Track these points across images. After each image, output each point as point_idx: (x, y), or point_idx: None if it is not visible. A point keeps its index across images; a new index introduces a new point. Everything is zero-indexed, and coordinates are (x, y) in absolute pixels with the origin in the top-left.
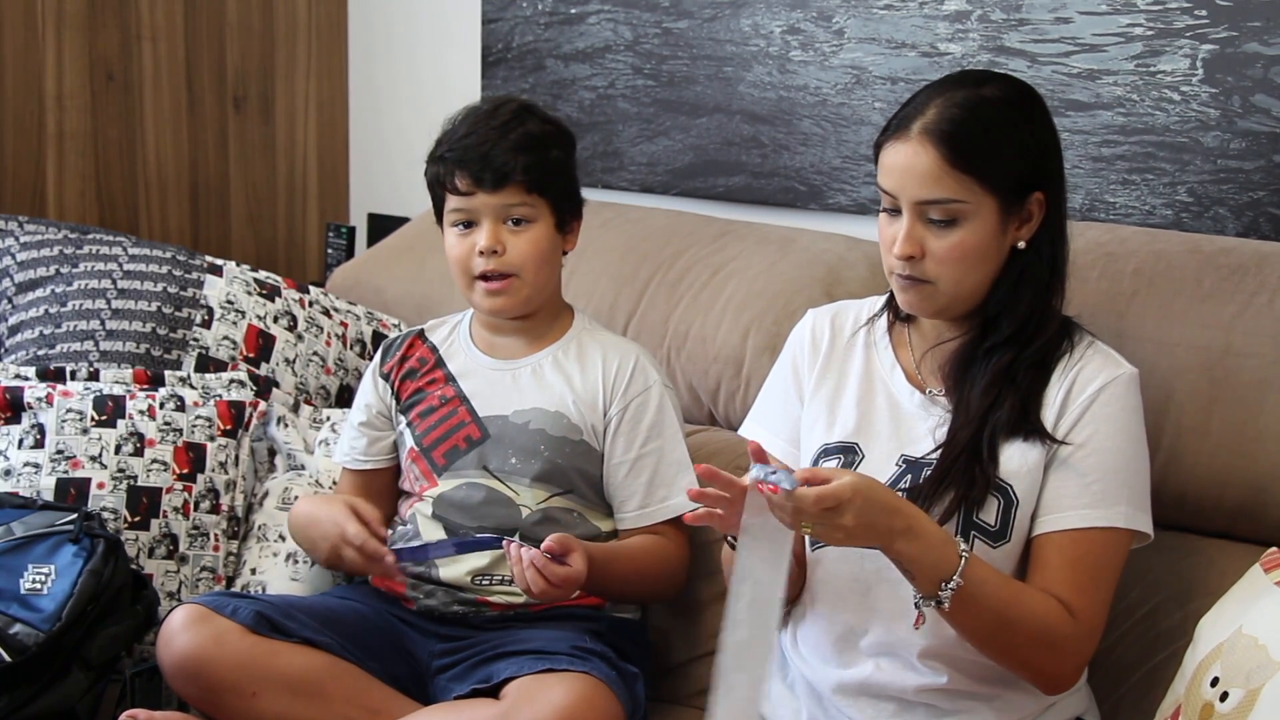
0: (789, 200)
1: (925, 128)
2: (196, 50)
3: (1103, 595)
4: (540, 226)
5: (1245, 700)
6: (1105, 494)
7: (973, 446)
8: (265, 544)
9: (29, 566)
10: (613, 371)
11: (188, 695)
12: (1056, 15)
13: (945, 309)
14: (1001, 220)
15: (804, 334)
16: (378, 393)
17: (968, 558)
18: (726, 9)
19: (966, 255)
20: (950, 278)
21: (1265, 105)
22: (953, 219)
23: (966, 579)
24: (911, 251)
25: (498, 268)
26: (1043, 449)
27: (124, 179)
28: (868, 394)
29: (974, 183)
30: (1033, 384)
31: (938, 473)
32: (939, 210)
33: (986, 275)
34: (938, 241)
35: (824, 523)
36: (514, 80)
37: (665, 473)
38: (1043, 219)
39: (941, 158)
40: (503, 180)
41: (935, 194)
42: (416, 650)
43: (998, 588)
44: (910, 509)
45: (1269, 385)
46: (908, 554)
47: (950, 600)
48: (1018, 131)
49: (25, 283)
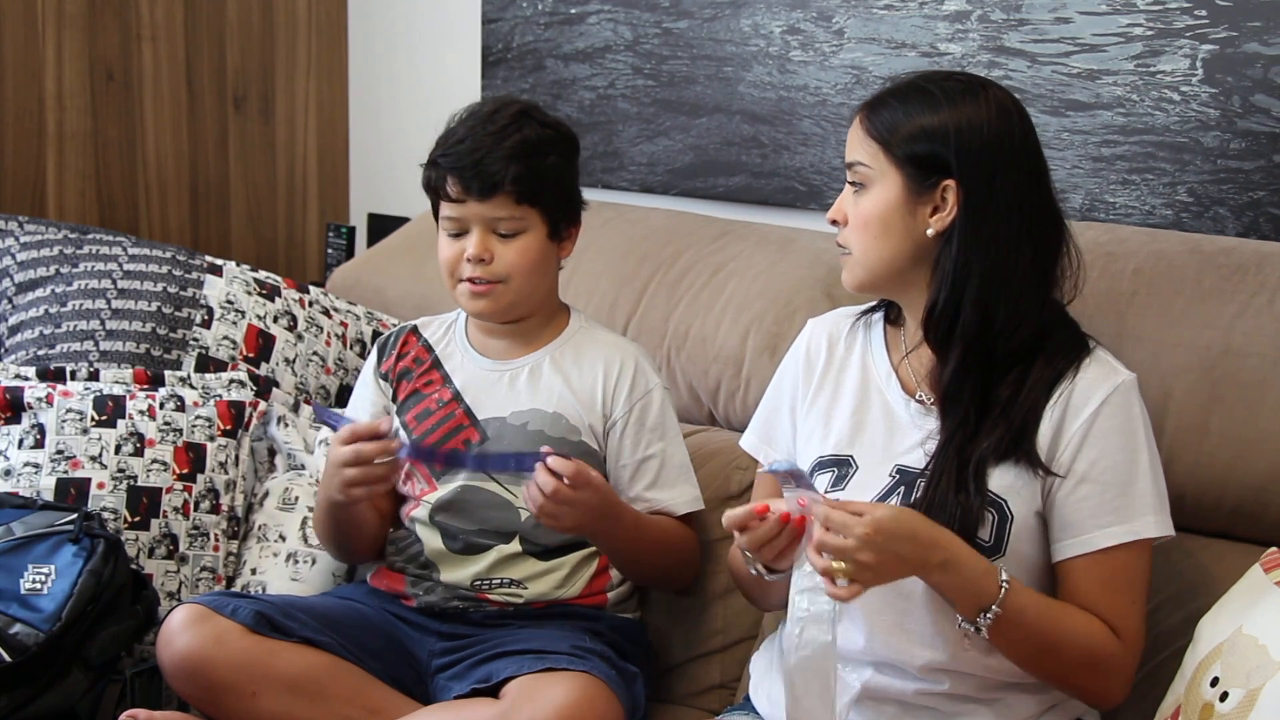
0: (789, 200)
1: (866, 99)
2: (196, 50)
3: (1139, 608)
4: (530, 237)
5: (1245, 700)
6: (1127, 507)
7: (959, 479)
8: (265, 544)
9: (29, 566)
10: (614, 372)
11: (188, 695)
12: (1056, 15)
13: (865, 282)
14: (907, 197)
15: (799, 350)
16: (380, 391)
17: (1008, 588)
18: (726, 9)
19: (868, 223)
20: (859, 244)
21: (1265, 105)
22: (862, 184)
23: (1005, 608)
24: (834, 215)
25: (484, 275)
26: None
27: (124, 179)
28: (863, 404)
29: (879, 149)
30: (1026, 409)
31: (929, 500)
32: (853, 174)
33: (894, 251)
34: (854, 208)
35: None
36: (514, 80)
37: (668, 475)
38: (958, 216)
39: (860, 123)
40: (492, 190)
41: (851, 156)
42: (416, 650)
43: (1040, 615)
44: (948, 541)
45: (1269, 385)
46: (946, 585)
47: (989, 628)
48: (937, 113)
49: (25, 283)
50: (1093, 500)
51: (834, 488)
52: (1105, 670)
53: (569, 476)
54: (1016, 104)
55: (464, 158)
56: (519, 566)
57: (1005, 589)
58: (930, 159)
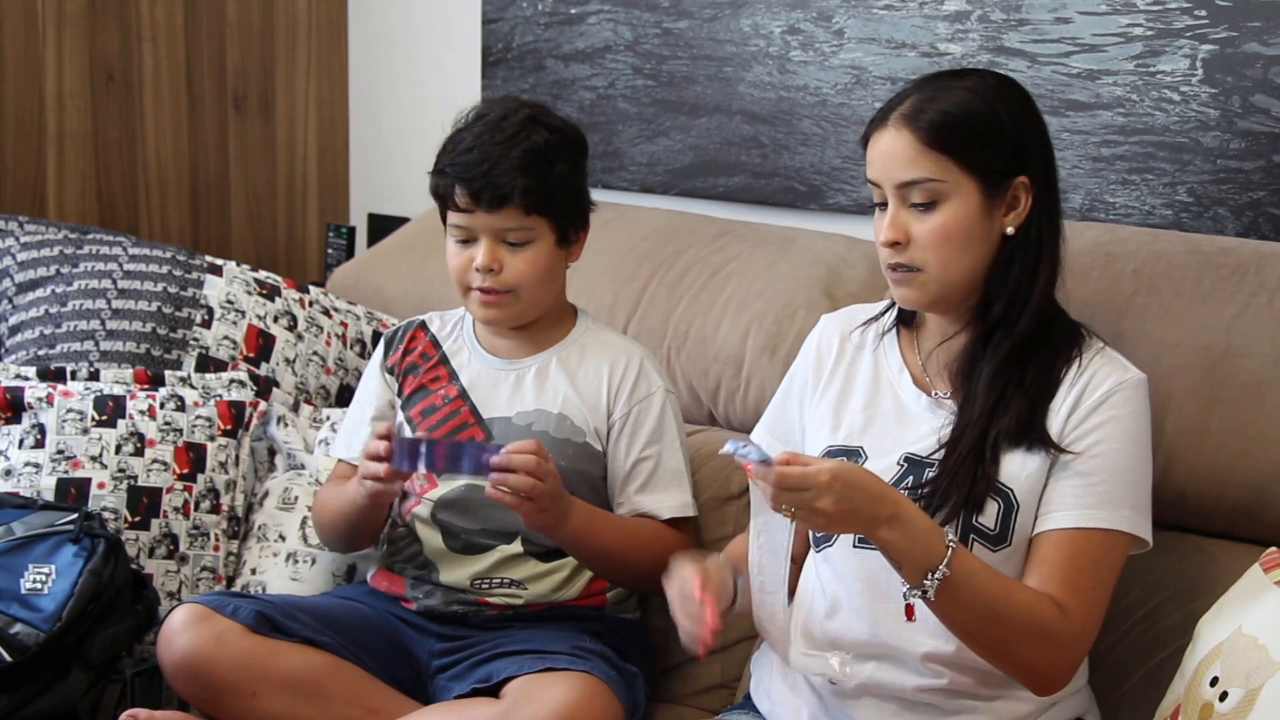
0: (789, 200)
1: (901, 114)
2: (196, 50)
3: (1098, 596)
4: (539, 246)
5: (1245, 700)
6: (1109, 495)
7: (977, 449)
8: (265, 544)
9: (29, 566)
10: (619, 374)
11: (188, 695)
12: (1056, 15)
13: (938, 298)
14: (985, 203)
15: (811, 346)
16: (386, 385)
17: (955, 548)
18: (726, 9)
19: (951, 237)
20: (937, 262)
21: (1265, 105)
22: (933, 200)
23: (953, 569)
24: (896, 237)
25: (494, 285)
26: (1045, 456)
27: (124, 179)
28: (874, 398)
29: (950, 162)
30: (1040, 392)
31: (940, 473)
32: (919, 192)
33: (975, 261)
34: (921, 225)
35: (804, 505)
36: (514, 80)
37: (660, 479)
38: (1031, 206)
39: (916, 139)
40: (501, 202)
41: (913, 174)
42: (416, 650)
43: (985, 580)
44: (896, 497)
45: (1269, 385)
46: (893, 542)
47: (935, 591)
48: (993, 113)
49: (25, 283)
50: (1079, 481)
51: None
52: (1048, 646)
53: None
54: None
55: (472, 168)
56: (520, 567)
57: (951, 550)
58: (1000, 159)
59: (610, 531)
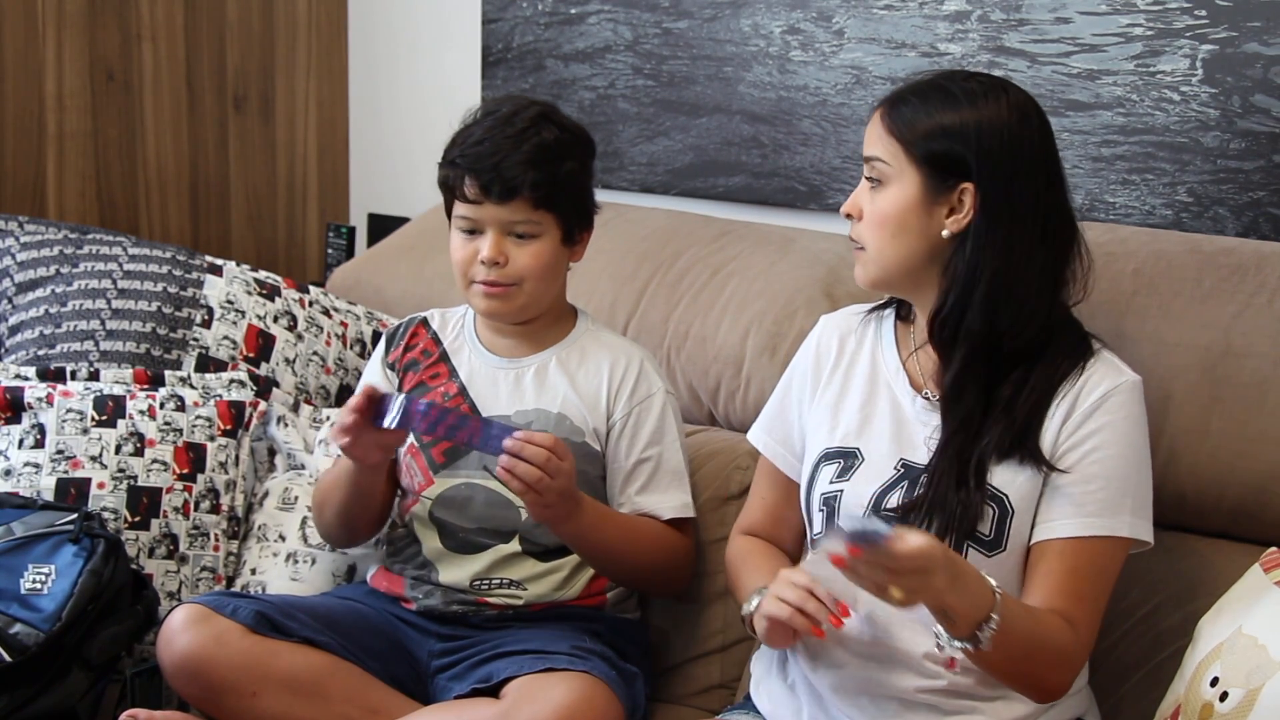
0: (789, 200)
1: (890, 95)
2: (196, 50)
3: (1100, 604)
4: (545, 241)
5: (1245, 700)
6: (1109, 503)
7: (959, 473)
8: (265, 544)
9: (29, 566)
10: (619, 375)
11: (188, 695)
12: (1056, 15)
13: (879, 280)
14: (925, 197)
15: (810, 346)
16: (386, 381)
17: (1000, 595)
18: (726, 9)
19: (885, 220)
20: (873, 242)
21: (1265, 105)
22: (880, 180)
23: (1002, 615)
24: (849, 210)
25: (499, 278)
26: (1037, 470)
27: (124, 179)
28: (871, 397)
29: (898, 147)
30: (1033, 406)
31: (925, 501)
32: (871, 169)
33: (909, 251)
34: (870, 204)
35: (915, 585)
36: (514, 80)
37: (660, 480)
38: (975, 219)
39: (880, 119)
40: (510, 194)
41: (871, 151)
42: (416, 650)
43: (1020, 618)
44: (954, 558)
45: (1269, 385)
46: (954, 605)
47: (992, 638)
48: (958, 114)
49: (25, 283)
50: (1079, 489)
51: (839, 479)
52: (1069, 665)
53: (551, 446)
54: (1036, 107)
55: (483, 159)
56: (518, 567)
57: (999, 597)
58: (949, 160)
59: (615, 530)
